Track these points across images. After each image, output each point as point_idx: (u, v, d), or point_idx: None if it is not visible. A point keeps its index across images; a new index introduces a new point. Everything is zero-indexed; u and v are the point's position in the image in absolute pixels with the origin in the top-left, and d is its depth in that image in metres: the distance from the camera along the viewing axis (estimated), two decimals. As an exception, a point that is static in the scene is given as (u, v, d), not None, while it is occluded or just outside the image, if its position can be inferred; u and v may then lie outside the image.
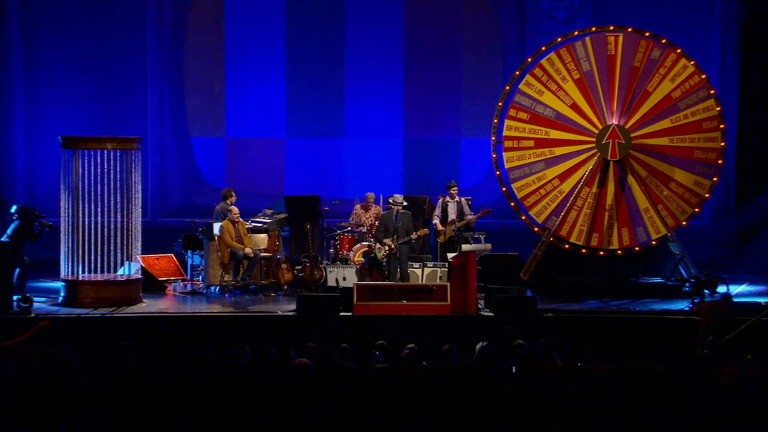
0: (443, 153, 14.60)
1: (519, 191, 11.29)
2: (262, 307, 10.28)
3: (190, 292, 11.32)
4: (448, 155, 14.60)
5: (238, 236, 11.09)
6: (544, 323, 9.60)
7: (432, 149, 14.60)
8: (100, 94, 14.11)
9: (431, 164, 14.59)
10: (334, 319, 9.60)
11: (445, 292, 9.85)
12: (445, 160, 14.57)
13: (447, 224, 11.66)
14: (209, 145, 14.50)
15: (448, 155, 14.60)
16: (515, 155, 11.28)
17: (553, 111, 11.20)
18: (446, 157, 14.60)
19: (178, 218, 13.51)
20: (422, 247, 12.50)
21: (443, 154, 14.60)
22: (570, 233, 11.21)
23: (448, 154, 14.58)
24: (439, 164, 14.53)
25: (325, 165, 14.67)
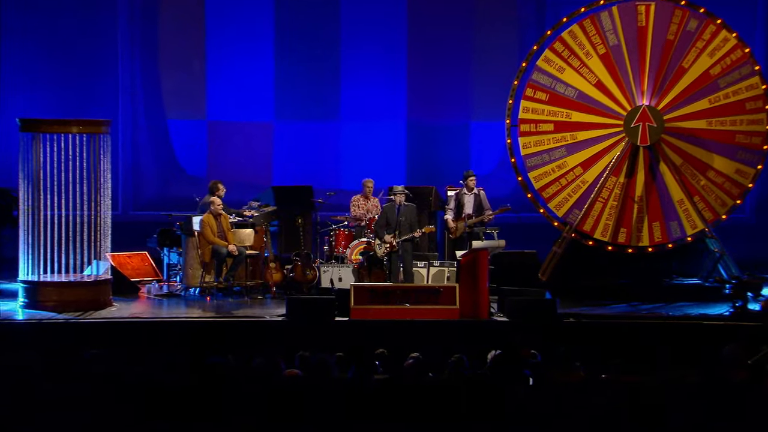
0: (451, 138, 14.58)
1: (536, 181, 11.25)
2: (248, 312, 10.27)
3: (167, 294, 11.32)
4: (456, 141, 14.58)
5: (221, 231, 11.06)
6: (564, 329, 9.57)
7: (439, 134, 14.59)
8: (65, 73, 14.07)
9: (438, 151, 14.57)
10: (329, 325, 9.58)
11: (454, 295, 9.84)
12: (454, 147, 14.55)
13: (461, 219, 11.61)
14: (188, 129, 14.48)
15: (456, 141, 14.58)
16: (532, 140, 11.24)
17: (576, 90, 11.15)
18: (455, 142, 14.58)
19: (153, 211, 13.49)
20: (428, 244, 12.48)
21: (451, 140, 14.58)
22: (594, 228, 11.17)
23: (456, 139, 14.56)
24: (446, 151, 14.51)
25: (318, 152, 14.65)
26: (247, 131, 14.52)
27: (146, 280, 11.70)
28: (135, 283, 11.50)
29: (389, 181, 12.87)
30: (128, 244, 11.81)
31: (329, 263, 11.68)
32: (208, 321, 9.80)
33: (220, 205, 11.10)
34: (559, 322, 9.71)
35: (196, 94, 14.44)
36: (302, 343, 8.43)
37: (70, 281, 10.22)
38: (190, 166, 14.41)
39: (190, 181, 14.05)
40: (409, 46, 14.54)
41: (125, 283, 11.28)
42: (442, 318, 9.73)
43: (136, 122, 14.43)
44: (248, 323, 9.72)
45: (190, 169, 14.40)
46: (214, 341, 9.18)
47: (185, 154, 14.45)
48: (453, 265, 11.34)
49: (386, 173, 13.97)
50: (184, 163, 14.43)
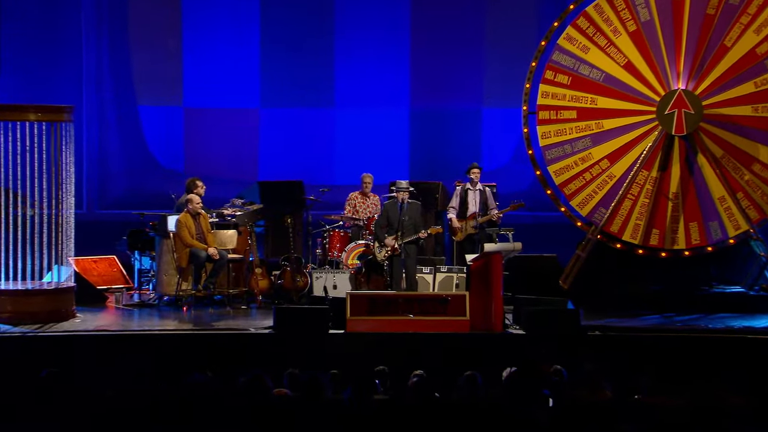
0: (460, 127, 14.58)
1: (557, 175, 11.23)
2: (230, 324, 10.25)
3: (138, 304, 11.30)
4: (466, 130, 14.58)
5: (200, 233, 11.03)
6: (589, 344, 9.55)
7: (446, 122, 14.58)
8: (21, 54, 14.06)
9: (445, 141, 14.57)
10: (322, 339, 9.55)
11: (464, 304, 9.82)
12: (463, 136, 14.55)
13: (466, 218, 11.61)
14: (162, 117, 14.47)
15: (466, 130, 14.58)
16: (553, 130, 11.22)
17: (602, 73, 11.12)
18: (464, 132, 14.58)
19: (122, 210, 13.49)
20: (434, 247, 12.46)
21: (460, 129, 14.58)
22: (623, 229, 11.14)
23: (466, 128, 14.55)
24: (455, 141, 14.51)
25: (310, 142, 14.65)
26: (229, 119, 14.51)
27: (114, 288, 11.67)
28: (102, 292, 11.47)
29: (390, 175, 12.86)
30: (94, 247, 11.79)
31: (322, 269, 11.66)
32: (185, 334, 9.77)
33: (199, 204, 11.07)
34: (582, 335, 9.69)
35: (171, 77, 14.42)
36: (292, 360, 8.43)
37: (27, 289, 10.16)
38: (164, 159, 14.40)
39: (165, 175, 14.04)
40: (412, 23, 14.53)
41: (90, 291, 11.25)
42: (450, 331, 9.71)
43: (102, 109, 14.41)
44: (231, 337, 9.69)
45: (165, 161, 14.39)
46: (193, 357, 9.14)
47: (159, 144, 14.44)
48: (462, 271, 11.32)
49: (387, 167, 13.96)
50: (158, 155, 14.41)
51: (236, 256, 11.36)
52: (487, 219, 11.61)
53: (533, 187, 12.44)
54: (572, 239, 11.50)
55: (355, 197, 12.24)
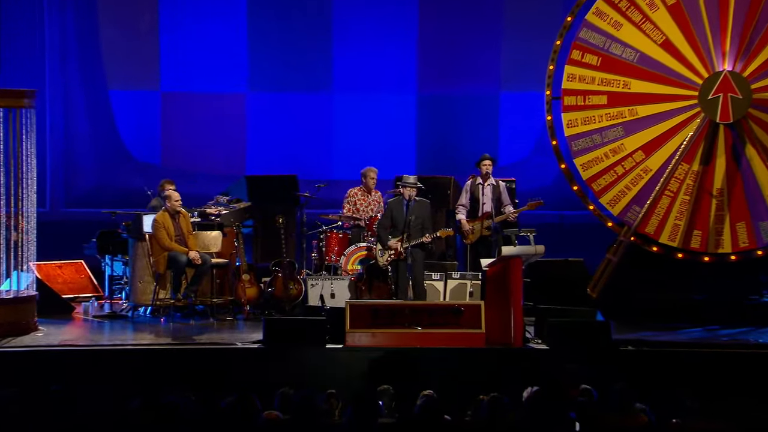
0: (475, 114, 14.58)
1: (585, 169, 11.22)
2: (214, 337, 10.24)
3: (109, 315, 11.30)
4: (481, 117, 14.58)
5: (180, 234, 11.02)
6: (622, 360, 9.52)
7: (459, 109, 14.59)
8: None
9: (457, 131, 14.58)
10: (318, 354, 9.54)
11: (478, 315, 9.80)
12: (478, 125, 14.56)
13: (478, 218, 11.59)
14: (136, 103, 14.48)
15: (481, 117, 14.58)
16: (580, 117, 11.20)
17: (636, 52, 11.10)
18: (479, 120, 14.59)
19: (91, 208, 13.50)
20: (445, 251, 12.43)
21: (475, 116, 14.59)
22: (660, 230, 11.13)
23: (481, 115, 14.56)
24: (468, 131, 14.53)
25: (304, 132, 14.66)
26: (212, 105, 14.52)
27: (82, 297, 11.66)
28: (68, 301, 11.47)
29: (395, 170, 12.86)
30: (59, 250, 11.80)
31: (318, 275, 11.64)
32: (162, 349, 9.75)
33: (179, 201, 11.06)
34: (614, 350, 9.66)
35: (146, 58, 14.43)
36: (284, 378, 8.40)
37: (-16, 298, 10.18)
38: (139, 150, 14.41)
39: (140, 168, 14.06)
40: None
41: (55, 300, 11.25)
42: (463, 345, 9.69)
43: (68, 94, 14.41)
44: (215, 352, 9.68)
45: (140, 153, 14.40)
46: (171, 376, 9.12)
47: (133, 134, 14.45)
48: (477, 278, 11.32)
49: (392, 160, 13.98)
50: (131, 146, 14.42)
51: (221, 261, 11.34)
52: (502, 219, 11.58)
53: (558, 182, 12.43)
54: (602, 242, 11.49)
55: (356, 194, 12.22)
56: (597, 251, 11.42)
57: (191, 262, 10.93)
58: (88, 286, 11.95)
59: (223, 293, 11.47)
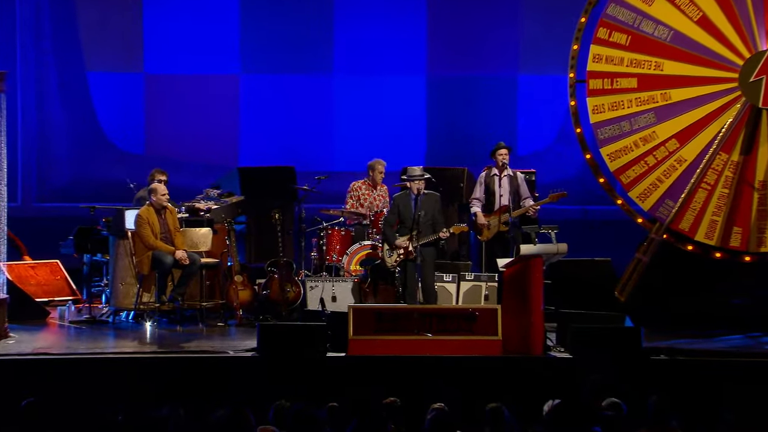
0: (491, 99, 14.57)
1: (612, 160, 11.21)
2: (203, 345, 10.26)
3: (88, 320, 11.31)
4: (498, 103, 14.57)
5: (165, 231, 11.04)
6: (653, 370, 9.53)
7: (473, 93, 14.58)
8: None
9: (472, 117, 14.57)
10: (318, 364, 9.56)
11: (495, 321, 9.80)
12: (494, 111, 14.54)
13: (494, 213, 11.59)
14: (117, 86, 14.48)
15: (498, 103, 14.57)
16: (607, 102, 11.20)
17: (670, 30, 11.09)
18: (495, 105, 14.57)
19: (67, 203, 13.51)
20: (458, 249, 12.43)
21: (491, 101, 14.58)
22: (695, 227, 11.12)
23: (498, 100, 14.55)
24: (484, 117, 14.51)
25: (302, 118, 14.66)
26: (202, 88, 14.51)
27: (58, 301, 11.68)
28: (42, 305, 11.48)
29: (402, 160, 12.84)
30: (32, 248, 11.81)
31: (318, 276, 11.65)
32: (147, 358, 9.78)
33: (165, 195, 11.07)
34: (645, 359, 9.66)
35: (129, 38, 14.43)
36: (280, 389, 8.42)
37: (-50, 302, 10.21)
38: (120, 138, 14.41)
39: (122, 158, 14.06)
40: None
41: (28, 304, 11.27)
42: (477, 354, 9.70)
43: (42, 76, 14.41)
44: (204, 361, 9.69)
45: (121, 141, 14.40)
46: (157, 387, 9.14)
47: (114, 120, 14.44)
48: (493, 279, 11.32)
49: (398, 149, 13.98)
50: (112, 134, 14.42)
51: (211, 261, 11.36)
52: (520, 213, 11.56)
53: (582, 174, 12.42)
54: (631, 240, 11.48)
55: (360, 187, 12.23)
56: (625, 250, 11.41)
57: (178, 263, 10.94)
58: (65, 288, 11.97)
59: (214, 296, 11.48)
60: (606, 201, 11.62)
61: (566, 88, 11.33)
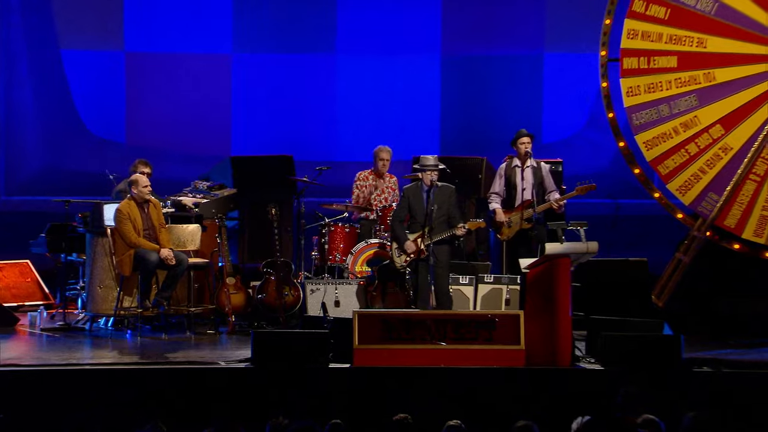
0: (512, 81, 14.57)
1: (649, 148, 11.20)
2: (191, 355, 10.27)
3: (62, 327, 11.32)
4: (520, 85, 14.57)
5: (149, 228, 11.05)
6: (694, 383, 9.51)
7: (492, 74, 14.59)
8: None
9: (491, 101, 14.55)
10: (319, 376, 9.56)
11: (517, 328, 9.79)
12: (516, 94, 14.55)
13: (516, 208, 11.58)
14: (95, 66, 14.48)
15: (520, 85, 14.57)
16: (643, 84, 11.18)
17: (715, 2, 11.07)
18: (517, 87, 14.58)
19: (39, 196, 13.53)
20: (475, 248, 12.41)
21: (512, 83, 14.58)
22: (742, 224, 11.10)
23: (521, 82, 14.55)
24: (505, 101, 14.51)
25: (302, 102, 14.66)
26: (189, 69, 14.53)
27: (28, 306, 11.69)
28: (10, 311, 11.48)
29: (415, 149, 12.86)
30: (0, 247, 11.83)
31: (320, 278, 11.64)
32: (128, 370, 9.78)
33: (147, 187, 11.07)
34: (685, 372, 9.65)
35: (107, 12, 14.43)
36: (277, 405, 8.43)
37: None
38: (97, 124, 14.43)
39: (100, 146, 14.08)
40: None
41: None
42: (497, 365, 9.69)
43: (10, 55, 14.42)
44: (192, 373, 9.69)
45: (99, 127, 14.41)
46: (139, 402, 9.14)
47: (91, 104, 14.46)
48: (515, 282, 11.34)
49: (409, 137, 13.98)
50: (89, 120, 14.44)
51: (200, 261, 11.36)
52: (545, 208, 11.56)
53: (615, 164, 12.42)
54: (670, 237, 11.49)
55: (366, 179, 12.23)
56: (664, 249, 11.41)
57: (163, 263, 10.94)
58: (36, 292, 11.97)
59: (203, 301, 11.50)
60: (642, 194, 11.61)
61: (597, 68, 11.30)
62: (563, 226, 11.56)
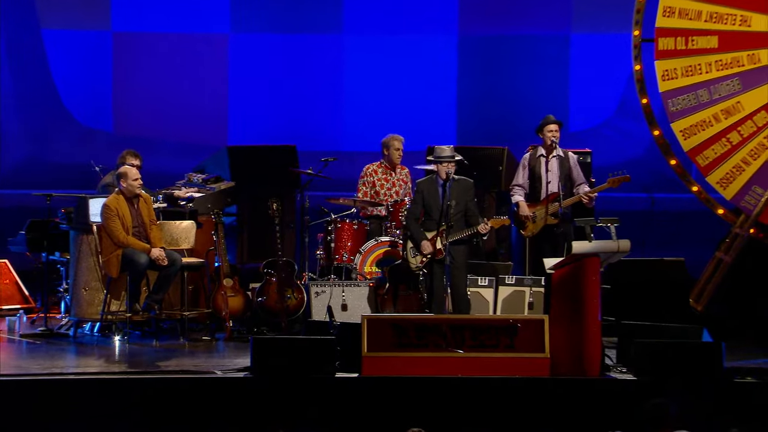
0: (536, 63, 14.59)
1: (686, 137, 11.21)
2: (185, 363, 10.28)
3: (44, 334, 11.34)
4: (545, 68, 14.58)
5: (139, 225, 11.06)
6: (737, 395, 9.49)
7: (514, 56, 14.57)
8: None
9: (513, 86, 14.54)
10: (325, 386, 9.56)
11: (541, 334, 9.79)
12: (541, 78, 14.55)
13: (541, 202, 11.57)
14: (80, 47, 14.49)
15: (545, 68, 14.58)
16: (680, 66, 11.19)
17: (759, -25, 11.09)
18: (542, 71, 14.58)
19: (18, 189, 13.54)
20: (495, 247, 12.40)
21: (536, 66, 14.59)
22: (790, 220, 11.10)
23: (545, 65, 14.55)
24: (528, 86, 14.50)
25: (305, 87, 14.66)
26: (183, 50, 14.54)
27: (7, 310, 11.72)
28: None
29: (429, 138, 12.87)
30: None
31: (325, 280, 11.66)
32: (115, 380, 9.79)
33: (137, 180, 11.08)
34: (727, 382, 9.63)
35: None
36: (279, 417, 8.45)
37: None
38: (83, 111, 14.45)
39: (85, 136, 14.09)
40: None
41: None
42: (520, 374, 9.69)
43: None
44: (186, 383, 9.70)
45: (84, 115, 14.43)
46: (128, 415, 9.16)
47: (75, 90, 14.47)
48: (539, 284, 11.34)
49: (424, 125, 13.98)
50: (73, 106, 14.45)
51: (194, 261, 11.37)
52: (573, 202, 11.55)
53: (649, 154, 12.41)
54: (710, 235, 11.50)
55: (375, 171, 12.23)
56: (703, 248, 11.40)
57: (154, 263, 10.96)
58: (15, 294, 11.99)
59: (198, 304, 11.50)
60: (679, 188, 11.62)
61: (629, 50, 11.30)
62: (592, 222, 11.55)
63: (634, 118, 12.29)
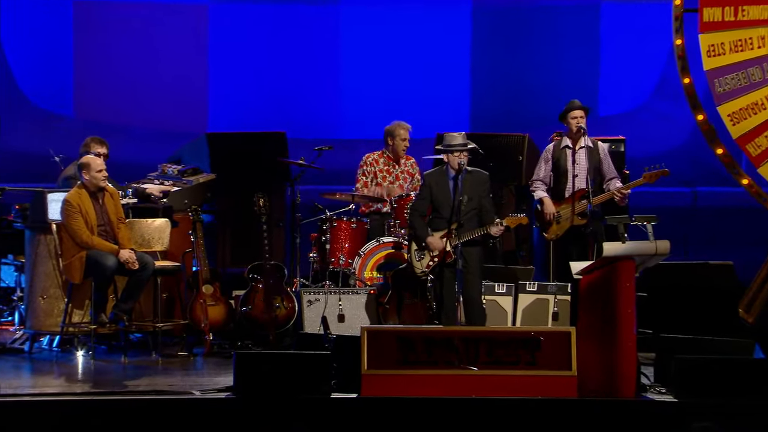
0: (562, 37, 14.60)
1: (735, 122, 11.25)
2: (158, 382, 10.30)
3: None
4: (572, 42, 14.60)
5: (105, 223, 11.08)
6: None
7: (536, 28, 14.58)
8: None
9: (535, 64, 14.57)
10: (319, 409, 9.58)
11: (567, 349, 9.81)
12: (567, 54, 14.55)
13: (566, 200, 11.60)
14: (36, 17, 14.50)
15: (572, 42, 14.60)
16: (728, 41, 11.23)
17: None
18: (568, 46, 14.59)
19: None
20: (514, 249, 12.42)
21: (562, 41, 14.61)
22: None
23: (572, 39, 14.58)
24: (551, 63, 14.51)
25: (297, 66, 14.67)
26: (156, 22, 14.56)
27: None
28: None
29: (438, 125, 12.89)
30: None
31: (320, 286, 11.67)
32: (79, 401, 9.81)
33: (102, 171, 11.09)
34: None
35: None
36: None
37: None
38: (39, 93, 14.47)
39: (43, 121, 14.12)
40: None
41: None
42: (543, 395, 9.71)
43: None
44: (160, 404, 9.72)
45: (41, 97, 14.46)
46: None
47: (31, 68, 14.49)
48: (565, 291, 11.39)
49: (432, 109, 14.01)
50: (27, 87, 14.48)
51: (168, 265, 11.40)
52: (603, 199, 11.56)
53: (692, 142, 12.44)
54: (762, 235, 11.54)
55: (376, 162, 12.26)
56: (754, 250, 11.41)
57: (123, 267, 10.98)
58: (-35, 304, 12.05)
59: (173, 315, 11.53)
60: (726, 180, 11.62)
61: (669, 21, 11.31)
62: (626, 220, 11.57)
63: (674, 101, 12.31)
